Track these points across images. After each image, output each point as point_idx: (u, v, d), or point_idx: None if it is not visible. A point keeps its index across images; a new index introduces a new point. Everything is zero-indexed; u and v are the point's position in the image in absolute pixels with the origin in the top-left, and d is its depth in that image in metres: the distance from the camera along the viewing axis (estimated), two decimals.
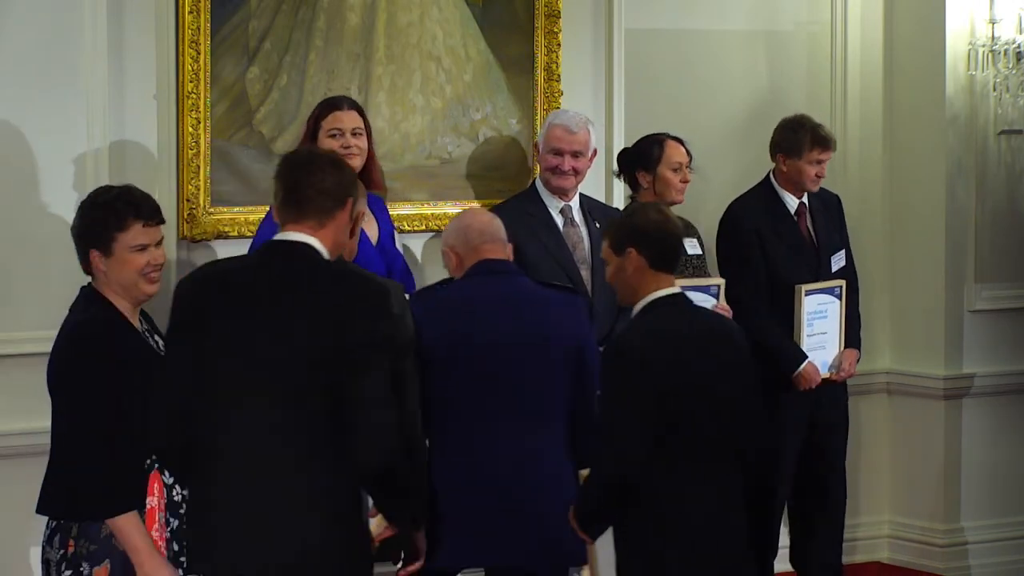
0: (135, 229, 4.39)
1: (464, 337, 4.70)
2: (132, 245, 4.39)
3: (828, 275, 6.22)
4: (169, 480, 4.33)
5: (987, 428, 7.09)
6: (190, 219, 5.57)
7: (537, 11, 6.19)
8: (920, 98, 7.01)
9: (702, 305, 5.76)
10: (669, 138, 6.04)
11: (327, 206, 3.97)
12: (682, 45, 6.87)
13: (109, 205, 4.41)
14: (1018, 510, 7.13)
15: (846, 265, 6.31)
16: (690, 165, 6.04)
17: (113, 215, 4.39)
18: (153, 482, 4.32)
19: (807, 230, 6.23)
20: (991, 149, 7.06)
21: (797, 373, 6.06)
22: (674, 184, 5.96)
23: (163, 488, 4.33)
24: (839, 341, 6.22)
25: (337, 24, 5.88)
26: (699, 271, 6.02)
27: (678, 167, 5.98)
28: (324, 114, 5.48)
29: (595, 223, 5.73)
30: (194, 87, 5.58)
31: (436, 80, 6.06)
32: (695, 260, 6.01)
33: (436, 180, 6.02)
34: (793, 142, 6.17)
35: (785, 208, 6.22)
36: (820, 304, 6.16)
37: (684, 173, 5.99)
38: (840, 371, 6.21)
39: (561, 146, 5.67)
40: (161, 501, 4.33)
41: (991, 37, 6.89)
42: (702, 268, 6.04)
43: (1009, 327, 7.10)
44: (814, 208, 6.27)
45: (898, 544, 6.99)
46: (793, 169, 6.18)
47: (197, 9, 5.57)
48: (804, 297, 6.09)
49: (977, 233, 7.04)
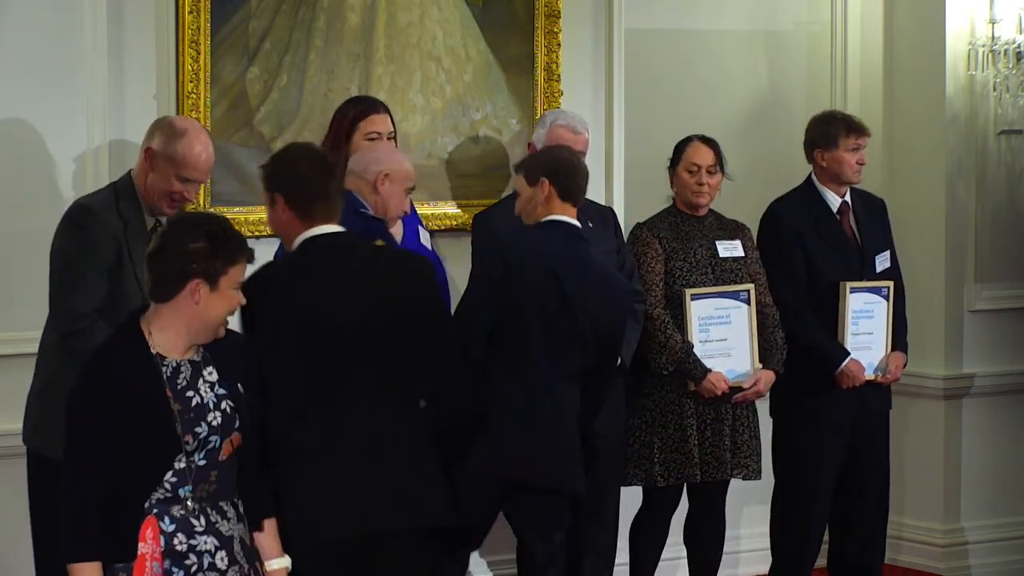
0: (241, 266, 4.05)
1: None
2: (236, 283, 4.03)
3: (872, 274, 6.11)
4: (169, 528, 3.94)
5: (987, 428, 7.08)
6: None
7: (537, 11, 6.19)
8: (920, 98, 7.01)
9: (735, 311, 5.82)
10: (696, 139, 5.95)
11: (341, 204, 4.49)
12: (682, 45, 6.87)
13: (225, 236, 4.01)
14: (1018, 510, 7.13)
15: (892, 267, 6.21)
16: (718, 169, 5.91)
17: (226, 249, 3.99)
18: (146, 528, 3.91)
19: (851, 229, 6.14)
20: (991, 149, 7.06)
21: (840, 370, 6.00)
22: (689, 185, 5.90)
23: (158, 536, 3.93)
24: (886, 343, 6.12)
25: (337, 24, 5.88)
26: (734, 274, 5.91)
27: (695, 169, 5.88)
28: (360, 117, 5.51)
29: (587, 222, 5.70)
30: (194, 87, 5.58)
31: (436, 80, 6.06)
32: (729, 263, 5.92)
33: (436, 180, 6.02)
34: (828, 135, 6.12)
35: (827, 207, 6.13)
36: (866, 303, 6.07)
37: (701, 175, 5.88)
38: (886, 373, 6.13)
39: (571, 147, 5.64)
40: (156, 549, 3.92)
41: (991, 37, 6.89)
42: (739, 272, 5.93)
43: (1009, 327, 7.10)
44: (857, 207, 6.18)
45: (898, 544, 6.99)
46: (832, 162, 6.11)
47: (197, 9, 5.57)
48: (849, 294, 6.00)
49: (977, 233, 7.03)
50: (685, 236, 5.92)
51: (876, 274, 6.14)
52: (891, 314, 6.12)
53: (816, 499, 6.11)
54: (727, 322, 5.88)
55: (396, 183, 5.16)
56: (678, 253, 5.88)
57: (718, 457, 5.82)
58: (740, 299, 5.88)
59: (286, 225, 4.44)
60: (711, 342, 5.84)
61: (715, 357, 5.84)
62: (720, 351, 5.85)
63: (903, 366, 6.17)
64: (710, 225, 5.97)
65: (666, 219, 5.97)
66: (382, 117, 5.53)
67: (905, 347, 6.20)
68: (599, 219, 5.76)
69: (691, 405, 5.82)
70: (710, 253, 5.91)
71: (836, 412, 6.06)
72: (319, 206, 4.39)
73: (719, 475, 5.83)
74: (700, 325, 5.83)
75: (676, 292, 5.82)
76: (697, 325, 5.82)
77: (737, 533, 6.62)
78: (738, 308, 5.88)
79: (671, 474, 5.81)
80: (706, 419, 5.82)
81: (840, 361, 6.00)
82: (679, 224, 5.94)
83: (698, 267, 5.88)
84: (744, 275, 5.94)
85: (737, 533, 6.62)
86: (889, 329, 6.12)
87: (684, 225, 5.94)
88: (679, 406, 5.81)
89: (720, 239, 5.94)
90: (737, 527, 6.62)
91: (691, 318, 5.81)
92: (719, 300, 5.86)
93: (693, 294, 5.81)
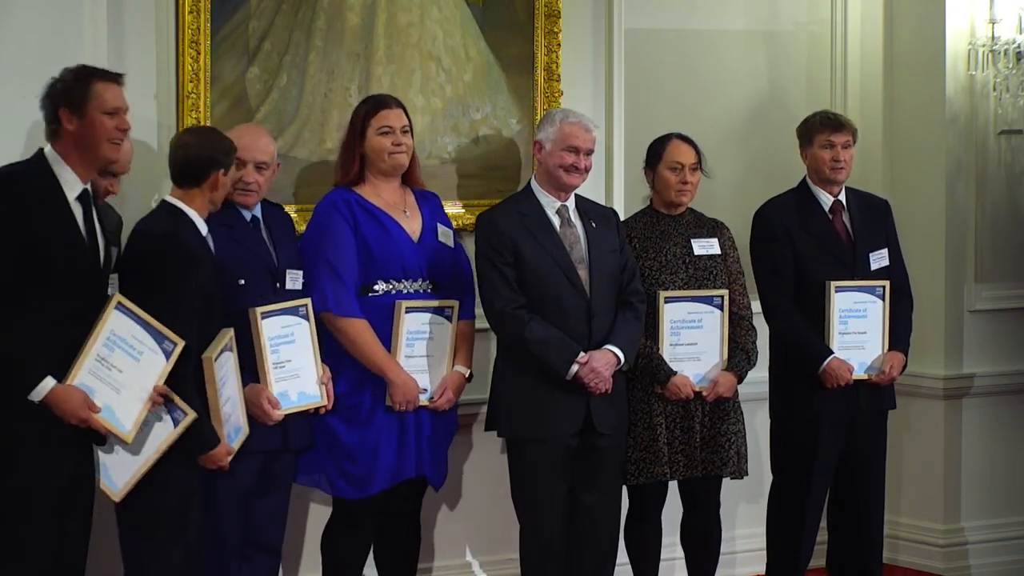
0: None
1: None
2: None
3: (866, 273, 6.09)
4: None
5: (987, 428, 7.08)
6: None
7: (537, 11, 6.20)
8: (920, 98, 7.01)
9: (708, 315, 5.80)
10: (675, 137, 5.96)
11: None
12: (682, 45, 6.88)
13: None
14: (1018, 510, 7.13)
15: (892, 267, 6.17)
16: (698, 167, 5.93)
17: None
18: None
19: (844, 228, 6.13)
20: (991, 149, 7.06)
21: (822, 369, 5.99)
22: (672, 184, 5.91)
23: None
24: (882, 343, 6.09)
25: (337, 24, 5.88)
26: (709, 273, 5.89)
27: (677, 167, 5.90)
28: (372, 112, 5.55)
29: (591, 223, 5.72)
30: (194, 87, 5.59)
31: (436, 80, 6.07)
32: (704, 261, 5.90)
33: (436, 180, 6.01)
34: (806, 133, 6.14)
35: (818, 205, 6.12)
36: (857, 302, 6.04)
37: (684, 174, 5.90)
38: (880, 373, 6.08)
39: (578, 144, 5.63)
40: None
41: (991, 37, 6.89)
42: (714, 270, 5.91)
43: (1009, 327, 7.10)
44: (853, 206, 6.16)
45: (898, 544, 6.99)
46: (811, 159, 6.12)
47: (197, 9, 5.58)
48: (835, 293, 5.99)
49: (977, 233, 7.03)
50: (660, 235, 5.91)
51: (870, 273, 6.12)
52: (887, 314, 6.12)
53: (810, 498, 6.11)
54: (699, 326, 5.85)
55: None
56: (649, 252, 5.88)
57: (688, 455, 5.82)
58: (714, 304, 5.86)
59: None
60: (681, 345, 5.83)
61: (684, 361, 5.83)
62: (690, 355, 5.84)
63: (902, 366, 6.14)
64: (687, 223, 5.96)
65: (641, 219, 5.97)
66: (394, 111, 5.55)
67: (906, 348, 6.17)
68: (601, 219, 5.76)
69: (660, 405, 5.82)
70: (684, 251, 5.90)
71: (830, 411, 6.05)
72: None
73: (689, 473, 5.83)
74: (672, 328, 5.82)
75: (650, 292, 5.82)
76: (669, 328, 5.81)
77: (732, 534, 6.61)
78: (711, 313, 5.85)
79: (641, 472, 5.81)
80: (675, 418, 5.83)
81: (822, 360, 6.00)
82: (655, 223, 5.95)
83: (669, 265, 5.86)
84: (719, 273, 5.92)
85: (732, 534, 6.61)
86: (885, 329, 6.11)
87: (660, 224, 5.94)
88: (648, 405, 5.82)
89: (697, 237, 5.93)
90: (732, 527, 6.62)
91: (663, 320, 5.80)
92: (693, 304, 5.84)
93: (667, 296, 5.80)
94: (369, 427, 5.46)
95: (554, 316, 5.55)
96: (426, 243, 5.58)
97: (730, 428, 5.87)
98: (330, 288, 5.40)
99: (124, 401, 4.70)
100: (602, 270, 5.65)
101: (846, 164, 6.09)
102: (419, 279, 5.55)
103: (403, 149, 5.55)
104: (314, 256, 5.44)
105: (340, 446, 5.44)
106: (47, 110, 4.67)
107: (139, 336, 4.75)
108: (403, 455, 5.49)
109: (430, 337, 5.55)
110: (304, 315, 5.30)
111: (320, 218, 5.50)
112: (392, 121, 5.54)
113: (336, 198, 5.53)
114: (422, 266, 5.54)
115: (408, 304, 5.49)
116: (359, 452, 5.44)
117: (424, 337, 5.54)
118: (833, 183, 6.12)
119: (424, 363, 5.54)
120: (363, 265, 5.47)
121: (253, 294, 5.22)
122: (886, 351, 6.10)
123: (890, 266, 6.17)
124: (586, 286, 5.62)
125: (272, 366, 5.22)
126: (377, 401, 5.46)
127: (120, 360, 4.69)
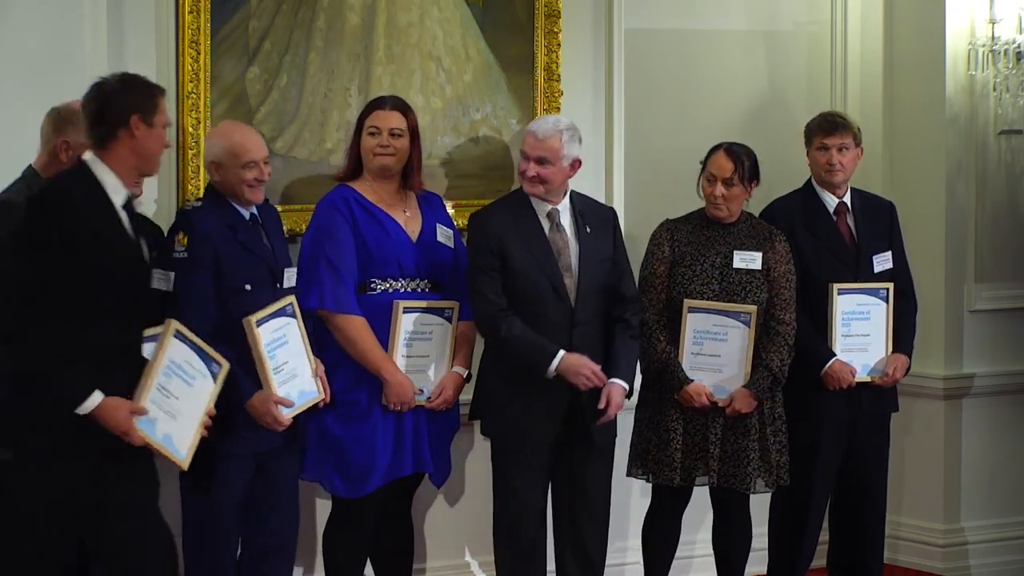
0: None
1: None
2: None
3: (869, 275, 6.09)
4: None
5: (987, 428, 7.08)
6: None
7: (537, 11, 6.20)
8: (920, 98, 7.01)
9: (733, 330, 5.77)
10: (722, 149, 5.86)
11: None
12: (682, 45, 6.87)
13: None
14: (1018, 510, 7.13)
15: (897, 270, 6.16)
16: (736, 181, 5.78)
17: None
18: None
19: (848, 229, 6.12)
20: (991, 149, 7.06)
21: (824, 371, 5.99)
22: (707, 195, 5.84)
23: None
24: (885, 345, 6.09)
25: (337, 24, 5.89)
26: (742, 288, 5.80)
27: (712, 178, 5.81)
28: (368, 112, 5.57)
29: (586, 227, 5.67)
30: (194, 87, 5.59)
31: (436, 80, 6.07)
32: (740, 275, 5.81)
33: (436, 180, 6.01)
34: (806, 133, 6.16)
35: (823, 207, 6.12)
36: (860, 304, 6.03)
37: (717, 186, 5.79)
38: (883, 375, 6.07)
39: (527, 151, 5.56)
40: None
41: (991, 37, 6.89)
42: (749, 285, 5.81)
43: (1009, 327, 7.10)
44: (858, 208, 6.16)
45: (898, 544, 6.99)
46: (811, 162, 6.14)
47: (197, 9, 5.58)
48: (837, 296, 5.99)
49: (977, 233, 7.03)
50: (703, 242, 5.85)
51: (874, 275, 6.12)
52: (890, 316, 6.11)
53: (812, 499, 6.11)
54: (723, 339, 5.81)
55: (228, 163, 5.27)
56: (686, 259, 5.83)
57: (705, 464, 5.78)
58: (740, 320, 5.80)
59: None
60: (703, 355, 5.80)
61: (704, 371, 5.80)
62: (711, 366, 5.80)
63: (906, 368, 6.14)
64: (736, 232, 5.88)
65: (690, 221, 5.91)
66: (388, 113, 5.55)
67: (910, 350, 6.17)
68: (598, 221, 5.71)
69: (677, 410, 5.80)
70: (725, 262, 5.82)
71: (833, 413, 6.06)
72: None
73: (703, 482, 5.82)
74: (694, 338, 5.79)
75: (678, 299, 5.81)
76: (691, 337, 5.79)
77: None
78: (736, 328, 5.79)
79: (651, 472, 5.83)
80: (695, 425, 5.81)
81: (825, 362, 6.00)
82: (701, 229, 5.88)
83: (703, 275, 5.81)
84: (755, 289, 5.82)
85: None
86: (889, 331, 6.11)
87: (707, 230, 5.87)
88: (662, 408, 5.81)
89: (742, 248, 5.85)
90: None
91: (686, 329, 5.78)
92: (719, 317, 5.80)
93: (691, 307, 5.78)
94: (365, 425, 5.46)
95: (536, 322, 5.49)
96: (425, 243, 5.58)
97: (749, 444, 5.81)
98: (329, 285, 5.41)
99: (180, 428, 4.71)
100: (590, 280, 5.58)
101: (842, 167, 6.08)
102: (417, 278, 5.55)
103: (389, 151, 5.52)
104: (314, 253, 5.44)
105: (336, 443, 5.45)
106: (111, 113, 4.51)
107: (192, 361, 4.79)
108: (399, 453, 5.49)
109: (428, 337, 5.55)
110: (292, 313, 5.30)
111: (320, 216, 5.51)
112: (380, 122, 5.53)
113: (336, 196, 5.53)
114: (420, 265, 5.54)
115: (406, 304, 5.49)
116: (355, 450, 5.44)
117: (422, 337, 5.54)
118: (830, 185, 6.12)
119: (422, 363, 5.55)
120: (361, 263, 5.48)
121: (257, 299, 5.22)
122: (889, 353, 6.11)
123: (894, 268, 6.17)
124: (571, 294, 5.56)
125: (273, 372, 5.22)
126: (373, 399, 5.46)
127: (176, 387, 4.71)
